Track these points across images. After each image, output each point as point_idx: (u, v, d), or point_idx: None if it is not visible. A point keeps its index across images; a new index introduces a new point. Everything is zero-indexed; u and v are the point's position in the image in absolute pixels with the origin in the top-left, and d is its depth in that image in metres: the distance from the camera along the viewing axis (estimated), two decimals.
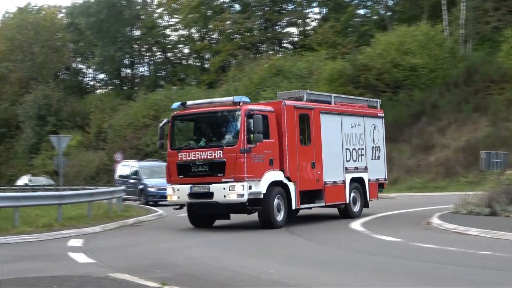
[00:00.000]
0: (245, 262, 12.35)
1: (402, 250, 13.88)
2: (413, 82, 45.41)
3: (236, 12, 67.85)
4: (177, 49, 76.68)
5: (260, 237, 17.04)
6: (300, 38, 66.41)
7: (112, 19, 71.62)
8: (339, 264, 12.13)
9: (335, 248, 14.54)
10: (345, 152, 21.80)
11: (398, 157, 42.79)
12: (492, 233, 15.77)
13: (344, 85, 45.95)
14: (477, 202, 20.17)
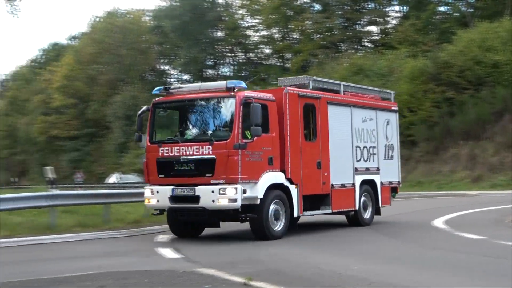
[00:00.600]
0: (328, 259, 12.35)
1: (485, 248, 13.63)
2: (495, 79, 44.44)
3: (317, 12, 67.72)
4: (259, 50, 77.06)
5: (343, 235, 16.98)
6: (381, 37, 65.81)
7: (196, 21, 72.49)
8: (421, 261, 12.00)
9: (417, 246, 14.37)
10: (356, 150, 18.66)
11: (481, 154, 42.03)
12: None
13: (425, 83, 45.40)
14: None
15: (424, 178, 43.02)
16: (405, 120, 45.26)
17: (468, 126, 43.50)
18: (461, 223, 18.83)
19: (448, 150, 44.11)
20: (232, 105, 15.09)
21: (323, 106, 17.43)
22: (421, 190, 39.68)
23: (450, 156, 43.69)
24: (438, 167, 43.55)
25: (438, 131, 44.38)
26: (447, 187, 40.26)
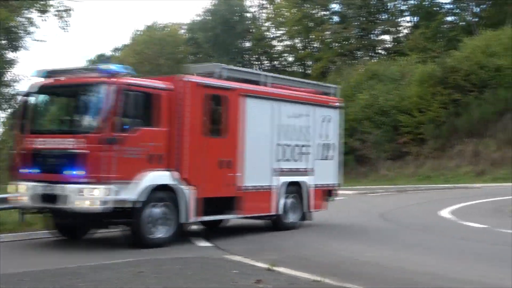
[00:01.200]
0: (346, 246, 12.33)
1: (488, 235, 13.53)
2: (498, 82, 43.98)
3: (335, 23, 67.52)
4: (283, 58, 77.00)
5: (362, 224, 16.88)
6: (393, 45, 65.35)
7: (226, 33, 72.72)
8: (429, 247, 11.95)
9: (426, 234, 14.30)
10: (278, 149, 14.93)
11: (484, 151, 41.68)
12: None
13: (433, 86, 45.05)
14: None
15: (432, 173, 42.72)
16: (415, 120, 45.03)
17: (472, 125, 43.13)
18: (465, 213, 18.69)
19: (454, 147, 43.76)
20: (108, 93, 11.77)
21: (236, 99, 13.94)
22: (429, 183, 39.42)
23: (456, 153, 43.34)
24: (445, 162, 43.22)
25: (445, 129, 44.03)
26: (453, 180, 39.92)
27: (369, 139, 46.85)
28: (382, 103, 46.96)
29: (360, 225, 16.74)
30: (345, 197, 30.16)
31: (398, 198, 27.52)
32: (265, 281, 8.45)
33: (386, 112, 46.85)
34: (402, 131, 45.89)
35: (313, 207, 16.07)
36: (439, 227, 15.55)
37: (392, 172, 44.86)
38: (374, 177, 45.56)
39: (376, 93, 47.77)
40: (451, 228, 15.27)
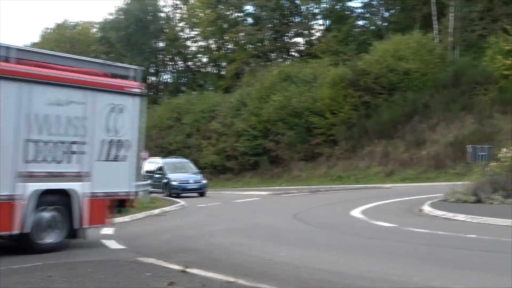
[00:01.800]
0: (260, 247, 12.37)
1: (396, 234, 13.87)
2: (406, 85, 45.28)
3: (249, 25, 67.86)
4: (197, 58, 76.79)
5: (274, 225, 17.01)
6: (306, 47, 66.26)
7: (139, 33, 71.84)
8: (341, 247, 12.14)
9: (337, 233, 14.53)
10: (27, 146, 11.31)
11: (393, 151, 42.77)
12: (478, 218, 15.75)
13: (345, 88, 45.92)
14: (464, 191, 20.14)
15: (344, 173, 43.54)
16: (327, 121, 45.77)
17: (382, 126, 44.18)
18: (375, 213, 19.12)
19: (365, 148, 44.73)
20: None
21: None
22: (341, 184, 40.17)
23: (366, 153, 44.33)
24: (356, 163, 44.14)
25: (356, 131, 44.95)
26: (364, 180, 40.83)
27: (283, 140, 47.32)
28: (295, 104, 47.50)
29: (274, 225, 16.85)
30: (258, 197, 30.40)
31: (311, 199, 27.91)
32: (179, 283, 8.37)
33: (299, 113, 47.43)
34: (315, 133, 46.59)
35: (89, 222, 12.35)
36: (350, 226, 15.84)
37: (305, 173, 45.47)
38: (287, 177, 46.05)
39: (289, 95, 48.29)
40: (362, 227, 15.58)
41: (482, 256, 10.38)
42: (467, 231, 13.68)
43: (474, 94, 43.39)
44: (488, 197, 18.86)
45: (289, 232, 15.16)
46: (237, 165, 50.47)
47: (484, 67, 43.92)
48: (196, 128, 55.75)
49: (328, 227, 15.85)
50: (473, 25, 48.51)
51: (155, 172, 36.00)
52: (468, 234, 13.16)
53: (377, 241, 12.75)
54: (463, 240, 12.42)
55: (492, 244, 11.71)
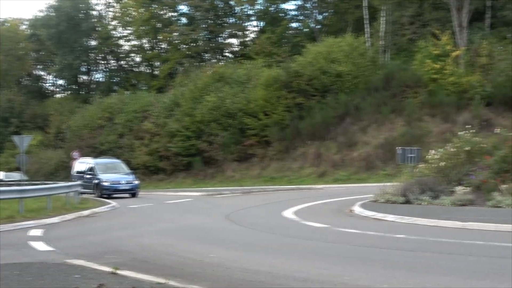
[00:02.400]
0: (191, 248, 12.32)
1: (327, 234, 14.04)
2: (339, 87, 45.90)
3: (183, 25, 67.59)
4: (130, 58, 76.03)
5: (205, 225, 16.98)
6: (240, 48, 66.48)
7: (71, 30, 70.56)
8: (272, 247, 12.19)
9: (269, 234, 14.59)
10: None
11: (325, 153, 43.27)
12: (407, 218, 16.09)
13: (278, 90, 46.22)
14: (394, 192, 20.53)
15: (277, 174, 43.84)
16: (260, 122, 45.99)
17: (315, 128, 44.68)
18: (308, 213, 19.30)
19: (297, 149, 45.14)
20: None
21: None
22: (274, 185, 40.43)
23: (299, 155, 44.74)
24: (289, 164, 44.51)
25: (289, 132, 45.32)
26: (296, 181, 41.19)
27: (216, 141, 47.30)
28: (229, 105, 47.56)
29: (205, 226, 16.82)
30: (191, 198, 30.28)
31: (244, 199, 27.97)
32: (108, 285, 8.25)
33: (233, 114, 47.52)
34: (248, 134, 46.78)
35: None
36: (282, 227, 15.94)
37: (238, 174, 45.57)
38: (221, 178, 46.06)
39: (223, 96, 48.31)
40: (293, 228, 15.71)
41: (410, 256, 10.61)
42: (396, 231, 13.95)
43: (404, 97, 44.39)
44: (416, 198, 19.29)
45: (221, 233, 15.15)
46: (170, 166, 50.20)
47: (414, 71, 45.00)
48: (128, 128, 55.18)
49: (260, 228, 15.90)
50: (404, 29, 49.65)
51: (86, 173, 35.50)
52: (396, 234, 13.42)
53: (308, 242, 12.87)
54: (392, 240, 12.66)
55: (420, 244, 11.98)
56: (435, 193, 19.26)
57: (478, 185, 18.81)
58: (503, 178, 18.19)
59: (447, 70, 43.02)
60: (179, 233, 15.37)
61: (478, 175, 19.24)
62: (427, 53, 44.56)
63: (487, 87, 41.79)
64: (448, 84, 42.80)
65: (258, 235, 14.60)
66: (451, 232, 13.65)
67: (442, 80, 43.01)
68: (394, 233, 13.55)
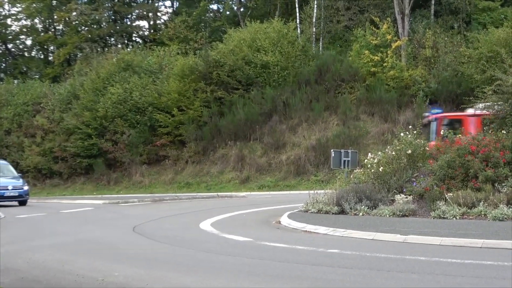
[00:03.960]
0: (90, 265, 12.15)
1: (251, 249, 14.09)
2: (265, 80, 46.16)
3: (83, 2, 66.63)
4: (19, 40, 74.36)
5: (109, 239, 16.78)
6: (151, 32, 66.11)
7: None
8: (187, 264, 12.15)
9: (184, 249, 14.54)
10: None
11: (249, 155, 43.43)
12: (341, 231, 16.33)
13: (195, 82, 46.12)
14: (327, 200, 20.77)
15: (193, 179, 43.75)
16: (174, 119, 45.77)
17: (237, 126, 44.80)
18: (228, 225, 19.34)
19: (217, 150, 45.18)
20: None
21: None
22: (190, 192, 40.33)
23: (219, 157, 44.77)
24: (207, 167, 44.49)
25: (207, 131, 45.30)
26: (216, 188, 41.24)
27: (122, 140, 46.83)
28: (137, 99, 47.20)
29: (108, 240, 16.62)
30: (92, 207, 29.87)
31: (155, 209, 27.80)
32: None
33: (142, 109, 47.20)
34: (160, 132, 46.53)
35: None
36: (199, 241, 15.92)
37: (148, 179, 45.26)
38: (127, 184, 45.66)
39: (130, 87, 47.90)
40: (212, 242, 15.70)
41: (344, 274, 10.75)
42: (329, 245, 14.13)
43: (339, 92, 45.09)
44: (352, 208, 19.59)
45: (127, 248, 14.99)
46: (67, 169, 49.41)
47: (350, 63, 45.73)
48: (17, 124, 54.06)
49: (173, 242, 15.83)
50: (339, 15, 50.42)
51: None
52: (329, 249, 13.59)
53: (228, 257, 12.89)
54: (324, 256, 12.81)
55: (355, 260, 12.17)
56: (373, 202, 19.61)
57: (421, 193, 19.26)
58: (448, 186, 18.69)
59: (387, 62, 43.94)
60: (77, 248, 15.14)
61: (421, 182, 19.70)
62: (365, 43, 45.40)
63: (431, 83, 42.88)
64: (388, 79, 43.72)
65: (171, 250, 14.53)
66: (391, 247, 13.93)
67: (382, 74, 43.89)
68: (327, 248, 13.72)
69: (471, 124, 24.51)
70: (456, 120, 26.31)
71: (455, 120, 26.43)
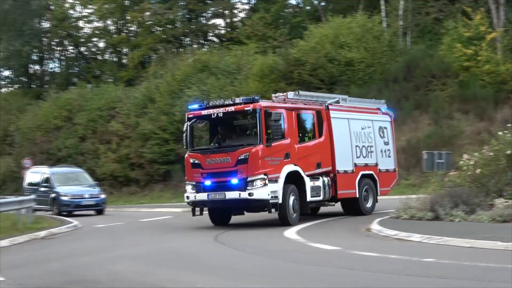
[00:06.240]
0: (172, 276, 12.34)
1: (340, 259, 14.06)
2: (349, 78, 45.84)
3: (157, 2, 67.50)
4: (92, 43, 75.84)
5: (189, 249, 16.99)
6: (227, 31, 66.48)
7: (18, 10, 70.41)
8: (273, 275, 12.21)
9: (269, 259, 14.61)
10: None
11: None
12: (436, 238, 16.11)
13: (275, 82, 46.13)
14: (420, 206, 20.54)
15: None
16: None
17: None
18: (314, 233, 19.33)
19: None
20: None
21: None
22: None
23: None
24: None
25: None
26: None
27: None
28: None
29: (191, 249, 16.84)
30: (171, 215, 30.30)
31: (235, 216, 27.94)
32: None
33: None
34: None
35: None
36: (284, 250, 15.96)
37: None
38: None
39: (207, 89, 48.23)
40: (298, 251, 15.72)
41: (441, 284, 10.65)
42: (424, 254, 13.99)
43: (430, 89, 44.42)
44: (447, 213, 19.32)
45: (209, 258, 15.15)
46: (144, 176, 50.11)
47: (441, 57, 44.99)
48: (91, 130, 55.09)
49: (256, 251, 15.93)
50: (428, 6, 49.70)
51: (41, 185, 35.50)
52: (424, 257, 13.45)
53: (317, 268, 12.89)
54: (419, 265, 12.69)
55: (453, 269, 12.02)
56: (470, 207, 19.30)
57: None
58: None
59: (481, 56, 43.13)
60: (158, 258, 15.38)
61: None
62: (456, 36, 44.63)
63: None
64: (484, 74, 42.87)
65: (254, 260, 14.62)
66: (491, 255, 13.69)
67: (476, 69, 43.07)
68: (422, 257, 13.58)
69: None
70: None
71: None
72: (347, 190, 24.15)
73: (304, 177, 22.21)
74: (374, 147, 25.96)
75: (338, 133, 24.11)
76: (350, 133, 24.84)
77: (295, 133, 22.43)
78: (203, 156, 21.85)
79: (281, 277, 12.05)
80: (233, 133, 22.90)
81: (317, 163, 23.04)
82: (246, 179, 20.83)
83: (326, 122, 23.77)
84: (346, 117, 24.82)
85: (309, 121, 23.60)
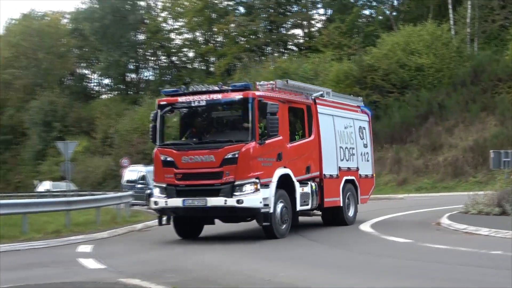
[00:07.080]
0: (255, 266, 12.37)
1: (412, 251, 13.91)
2: (419, 82, 45.45)
3: (241, 14, 67.97)
4: (182, 53, 76.89)
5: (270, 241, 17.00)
6: (305, 40, 66.44)
7: (117, 24, 71.83)
8: (348, 266, 12.15)
9: (344, 250, 14.55)
10: None
11: (406, 157, 42.83)
12: (503, 232, 15.79)
13: (350, 86, 45.99)
14: (487, 201, 20.17)
15: None
16: None
17: (393, 129, 44.34)
18: (387, 227, 19.16)
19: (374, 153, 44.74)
20: None
21: None
22: None
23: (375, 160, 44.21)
24: None
25: None
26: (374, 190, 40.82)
27: None
28: None
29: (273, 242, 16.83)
30: None
31: None
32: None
33: None
34: None
35: None
36: (358, 243, 15.87)
37: None
38: None
39: None
40: (372, 243, 15.62)
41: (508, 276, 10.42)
42: (491, 247, 13.72)
43: (496, 92, 43.59)
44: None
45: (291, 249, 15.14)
46: None
47: (507, 62, 44.14)
48: None
49: (333, 243, 15.88)
50: (494, 14, 48.75)
51: (137, 182, 36.06)
52: (492, 250, 13.20)
53: (389, 259, 12.77)
54: (486, 258, 12.46)
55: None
56: None
57: None
58: None
59: None
60: (243, 249, 15.42)
61: None
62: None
63: None
64: None
65: (331, 251, 14.59)
66: None
67: None
68: (489, 249, 13.33)
69: None
70: None
71: None
72: (333, 197, 19.55)
73: (295, 182, 17.53)
74: (355, 150, 21.36)
75: (325, 132, 19.42)
76: (335, 132, 20.08)
77: (286, 130, 17.66)
78: (179, 153, 16.88)
79: (355, 267, 11.96)
80: (216, 127, 18.26)
81: (306, 166, 18.39)
82: (233, 183, 16.09)
83: (314, 118, 19.06)
84: (331, 114, 19.97)
85: (299, 116, 18.83)
